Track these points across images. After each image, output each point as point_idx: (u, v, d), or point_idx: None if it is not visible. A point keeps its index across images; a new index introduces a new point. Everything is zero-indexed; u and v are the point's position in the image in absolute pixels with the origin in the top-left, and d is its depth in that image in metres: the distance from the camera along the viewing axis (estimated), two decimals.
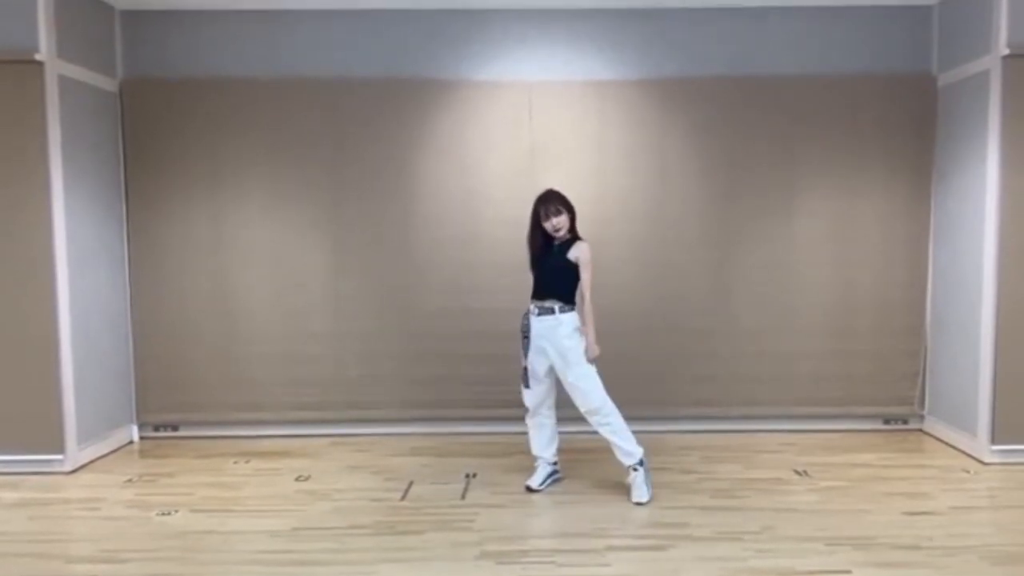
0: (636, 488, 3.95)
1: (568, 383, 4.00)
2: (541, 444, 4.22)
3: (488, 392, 5.17)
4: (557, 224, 4.00)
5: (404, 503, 3.98)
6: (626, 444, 3.97)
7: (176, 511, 3.88)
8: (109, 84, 4.96)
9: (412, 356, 5.21)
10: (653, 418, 5.06)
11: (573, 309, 4.05)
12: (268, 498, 4.06)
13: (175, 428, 5.26)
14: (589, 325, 3.97)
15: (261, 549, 3.41)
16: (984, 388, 4.54)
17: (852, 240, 5.15)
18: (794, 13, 5.08)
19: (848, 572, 3.13)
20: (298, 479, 4.36)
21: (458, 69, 5.13)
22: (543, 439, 4.22)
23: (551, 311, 4.02)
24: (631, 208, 5.14)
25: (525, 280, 5.04)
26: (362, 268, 5.17)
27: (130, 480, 4.39)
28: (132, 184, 5.10)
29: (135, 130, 5.07)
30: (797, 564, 3.20)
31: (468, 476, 4.38)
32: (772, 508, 3.83)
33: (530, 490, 4.12)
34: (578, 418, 4.11)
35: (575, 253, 4.01)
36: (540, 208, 4.04)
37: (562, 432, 4.28)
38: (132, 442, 5.17)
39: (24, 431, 4.42)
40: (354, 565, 3.24)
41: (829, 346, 5.19)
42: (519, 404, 5.18)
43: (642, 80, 5.11)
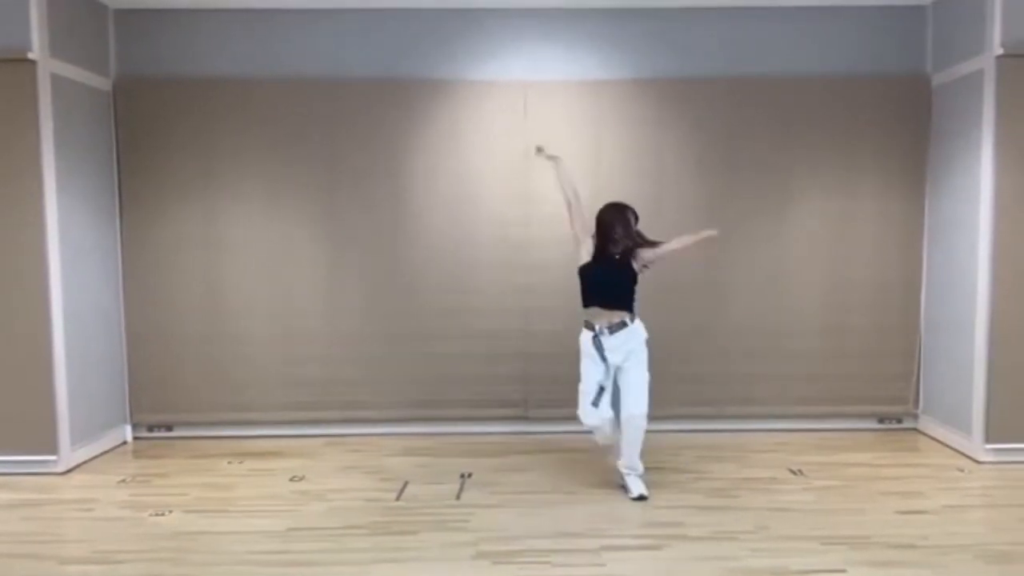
0: (633, 484, 3.98)
1: (630, 382, 3.91)
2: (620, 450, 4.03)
3: (483, 392, 5.17)
4: (627, 245, 3.93)
5: (399, 503, 3.97)
6: (636, 456, 3.98)
7: (170, 512, 3.86)
8: (102, 83, 4.94)
9: (406, 356, 5.20)
10: (649, 417, 5.06)
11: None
12: (262, 498, 4.05)
13: (169, 428, 5.24)
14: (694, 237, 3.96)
15: (255, 550, 3.40)
16: (978, 387, 4.55)
17: (846, 239, 5.16)
18: (789, 13, 5.08)
19: (843, 571, 3.13)
20: (292, 479, 4.35)
21: (453, 69, 5.12)
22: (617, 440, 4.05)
23: (623, 324, 3.91)
24: None
25: (519, 280, 5.05)
26: (356, 268, 5.16)
27: (124, 481, 4.37)
28: (125, 183, 5.08)
29: (128, 129, 5.05)
30: (792, 563, 3.20)
31: (463, 476, 4.38)
32: (767, 507, 3.84)
33: (644, 498, 3.97)
34: (575, 419, 4.11)
35: (644, 257, 3.94)
36: (619, 216, 3.93)
37: (556, 431, 4.28)
38: (126, 442, 5.15)
39: (17, 432, 4.40)
40: (349, 565, 3.23)
41: (824, 345, 5.20)
42: (514, 404, 5.21)
43: (638, 80, 5.11)
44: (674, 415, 5.19)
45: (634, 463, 3.99)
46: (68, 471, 4.50)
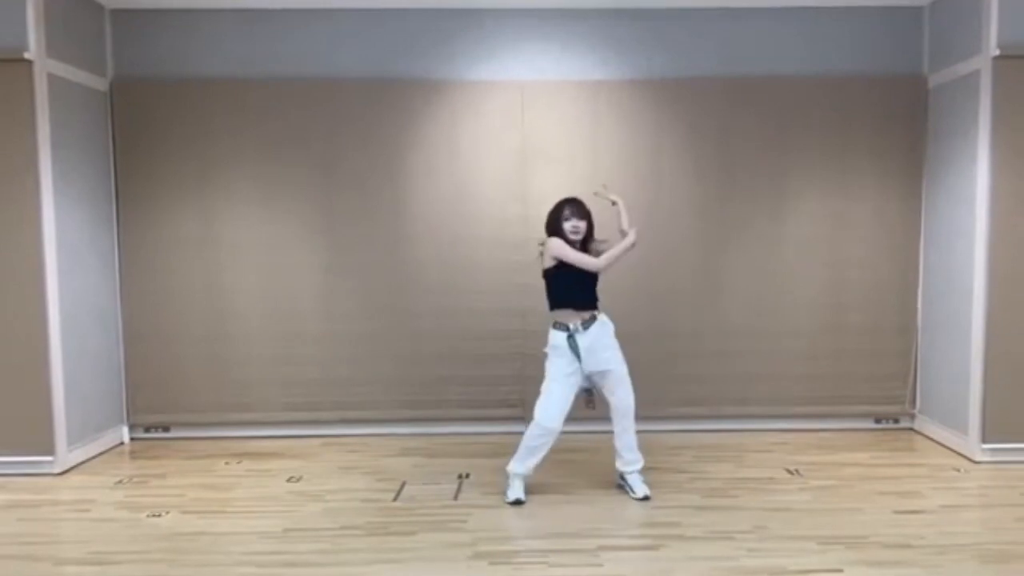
0: (636, 484, 3.99)
1: (616, 375, 3.92)
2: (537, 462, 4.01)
3: (480, 392, 5.17)
4: (576, 227, 3.90)
5: (396, 504, 3.97)
6: (636, 445, 4.01)
7: (167, 512, 3.86)
8: (99, 83, 4.93)
9: (404, 356, 5.20)
10: (645, 417, 5.00)
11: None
12: (259, 499, 4.05)
13: (166, 429, 5.23)
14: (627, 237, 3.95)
15: (252, 550, 3.39)
16: (975, 387, 4.56)
17: (843, 240, 5.17)
18: (786, 14, 5.09)
19: (840, 571, 3.13)
20: (290, 480, 4.35)
21: (450, 69, 5.12)
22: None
23: (593, 319, 3.93)
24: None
25: (516, 280, 5.05)
26: (353, 268, 5.16)
27: (120, 481, 4.36)
28: (122, 184, 5.07)
29: (125, 129, 5.04)
30: (789, 563, 3.20)
31: (461, 476, 4.38)
32: (764, 507, 3.84)
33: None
34: (572, 418, 4.11)
35: (595, 252, 3.96)
36: (565, 209, 3.91)
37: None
38: (122, 443, 5.14)
39: (13, 432, 4.39)
40: (346, 566, 3.23)
41: (821, 345, 5.21)
42: (511, 404, 5.21)
43: (635, 80, 5.11)
44: (671, 415, 5.20)
45: (636, 455, 4.00)
46: (65, 472, 4.49)
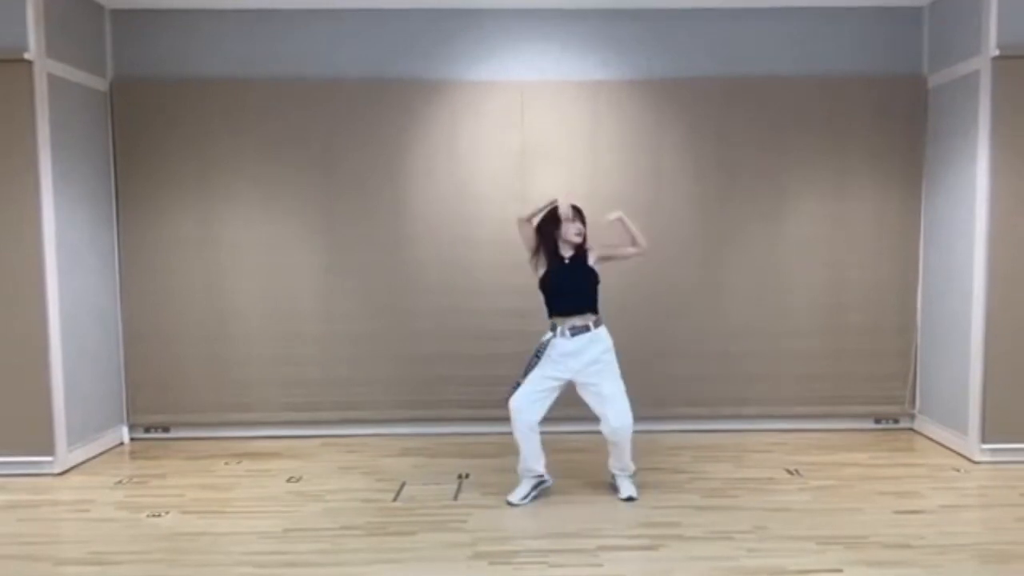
0: (623, 485, 3.98)
1: (605, 394, 3.81)
2: (535, 456, 3.98)
3: (480, 393, 5.15)
4: (581, 229, 3.87)
5: (396, 504, 3.97)
6: (628, 459, 3.97)
7: (167, 513, 3.86)
8: (99, 83, 4.93)
9: (404, 356, 5.20)
10: (644, 418, 5.00)
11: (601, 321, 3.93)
12: (259, 499, 4.05)
13: (166, 429, 5.23)
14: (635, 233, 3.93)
15: (252, 551, 3.39)
16: (974, 387, 4.56)
17: (843, 240, 5.17)
18: (785, 14, 5.09)
19: (839, 571, 3.13)
20: (289, 480, 4.35)
21: (450, 69, 5.12)
22: (537, 451, 3.99)
23: (585, 328, 3.84)
24: (622, 208, 5.06)
25: (516, 281, 5.04)
26: (353, 269, 5.16)
27: (120, 482, 4.36)
28: (122, 184, 5.07)
29: (125, 130, 5.04)
30: (788, 563, 3.21)
31: (460, 477, 4.38)
32: (763, 507, 3.84)
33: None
34: (571, 418, 4.12)
35: (597, 255, 3.92)
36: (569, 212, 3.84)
37: (554, 432, 4.27)
38: (122, 443, 5.14)
39: (13, 432, 4.39)
40: (346, 566, 3.23)
41: (820, 345, 5.21)
42: None
43: (635, 80, 5.11)
44: (671, 415, 5.20)
45: (626, 464, 3.99)
46: (64, 472, 4.49)
